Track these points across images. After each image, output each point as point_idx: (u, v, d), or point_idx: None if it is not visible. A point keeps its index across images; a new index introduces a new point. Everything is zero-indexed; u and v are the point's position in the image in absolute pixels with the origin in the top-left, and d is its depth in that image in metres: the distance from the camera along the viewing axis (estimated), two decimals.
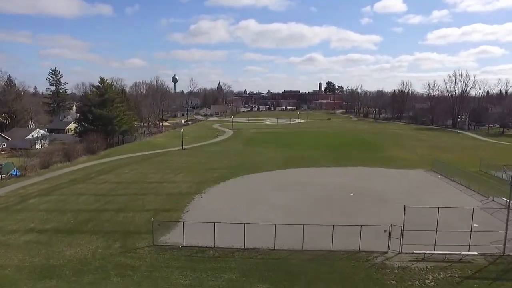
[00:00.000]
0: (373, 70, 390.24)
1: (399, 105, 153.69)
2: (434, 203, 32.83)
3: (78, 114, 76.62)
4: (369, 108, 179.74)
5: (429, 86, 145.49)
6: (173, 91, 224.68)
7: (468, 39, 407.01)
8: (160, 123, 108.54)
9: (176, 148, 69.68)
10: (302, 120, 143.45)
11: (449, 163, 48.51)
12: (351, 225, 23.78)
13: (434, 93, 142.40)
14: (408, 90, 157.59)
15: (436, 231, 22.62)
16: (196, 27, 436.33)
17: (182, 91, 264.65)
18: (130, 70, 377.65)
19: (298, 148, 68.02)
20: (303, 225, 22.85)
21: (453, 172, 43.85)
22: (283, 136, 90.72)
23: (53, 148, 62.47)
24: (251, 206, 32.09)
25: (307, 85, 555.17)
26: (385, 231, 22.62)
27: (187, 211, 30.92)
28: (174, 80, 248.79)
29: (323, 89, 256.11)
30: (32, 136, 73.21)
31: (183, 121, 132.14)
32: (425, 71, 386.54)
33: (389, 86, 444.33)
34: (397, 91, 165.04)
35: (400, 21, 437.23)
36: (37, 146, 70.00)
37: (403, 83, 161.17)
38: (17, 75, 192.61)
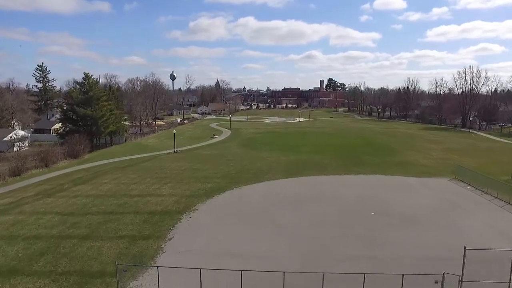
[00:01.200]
0: (372, 68, 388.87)
1: (404, 103, 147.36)
2: (476, 225, 26.82)
3: (61, 114, 69.92)
4: (373, 106, 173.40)
5: (436, 83, 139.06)
6: (171, 89, 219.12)
7: (468, 36, 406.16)
8: (154, 123, 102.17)
9: (168, 151, 63.35)
10: (303, 119, 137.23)
11: (474, 169, 42.46)
12: (388, 273, 17.53)
13: (442, 90, 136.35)
14: (415, 87, 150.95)
15: (510, 282, 16.38)
16: (195, 24, 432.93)
17: (180, 89, 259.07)
18: (129, 67, 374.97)
19: (302, 151, 61.75)
20: (323, 273, 16.56)
21: (482, 181, 37.73)
22: (285, 136, 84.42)
23: (29, 152, 56.14)
24: (251, 232, 25.82)
25: (306, 83, 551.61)
26: (436, 281, 16.38)
27: (170, 239, 24.64)
28: (172, 77, 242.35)
29: (324, 86, 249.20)
30: (11, 137, 66.82)
31: (178, 120, 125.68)
32: (424, 68, 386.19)
33: (388, 83, 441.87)
34: (402, 88, 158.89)
35: (399, 18, 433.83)
36: (15, 149, 63.71)
37: (409, 80, 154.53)
38: (15, 73, 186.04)
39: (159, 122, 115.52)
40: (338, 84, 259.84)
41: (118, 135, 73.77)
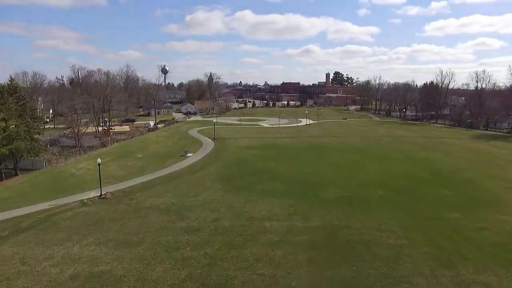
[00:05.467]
0: (370, 62, 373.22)
1: (433, 101, 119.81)
2: None
3: None
4: (392, 105, 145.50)
5: (477, 76, 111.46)
6: (161, 84, 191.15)
7: (466, 31, 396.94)
8: (108, 130, 74.13)
9: (92, 194, 35.76)
10: (311, 121, 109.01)
11: None
12: None
13: (485, 85, 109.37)
14: (449, 82, 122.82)
15: None
16: (191, 18, 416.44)
17: (169, 83, 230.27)
18: (126, 62, 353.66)
19: (329, 198, 34.11)
20: None
21: None
22: (292, 157, 55.62)
23: None
24: None
25: (304, 77, 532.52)
26: None
27: None
28: (164, 71, 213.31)
29: (330, 80, 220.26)
30: None
31: (152, 123, 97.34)
32: (422, 63, 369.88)
33: (386, 78, 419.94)
34: (429, 83, 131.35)
35: (398, 12, 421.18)
36: None
37: (441, 73, 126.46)
38: (10, 67, 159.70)
39: (122, 128, 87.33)
40: (345, 78, 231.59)
41: (25, 157, 46.02)
